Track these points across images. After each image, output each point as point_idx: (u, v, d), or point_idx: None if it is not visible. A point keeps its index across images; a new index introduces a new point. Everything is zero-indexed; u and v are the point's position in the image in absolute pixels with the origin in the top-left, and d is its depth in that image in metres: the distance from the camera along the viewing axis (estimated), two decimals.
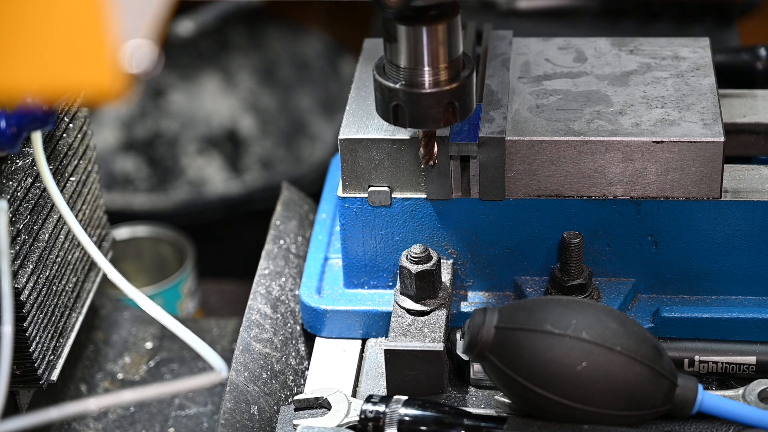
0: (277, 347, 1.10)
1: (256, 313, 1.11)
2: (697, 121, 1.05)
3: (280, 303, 1.14)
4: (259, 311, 1.12)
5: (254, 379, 1.05)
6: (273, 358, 1.09)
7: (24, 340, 1.04)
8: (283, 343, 1.11)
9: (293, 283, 1.17)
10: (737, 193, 1.06)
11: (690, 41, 1.16)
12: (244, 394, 1.03)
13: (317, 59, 2.14)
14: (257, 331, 1.10)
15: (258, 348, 1.08)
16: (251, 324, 1.10)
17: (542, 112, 1.08)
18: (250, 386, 1.04)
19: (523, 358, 0.95)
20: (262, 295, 1.14)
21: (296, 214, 1.25)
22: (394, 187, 1.08)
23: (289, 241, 1.21)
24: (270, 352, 1.09)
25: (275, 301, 1.14)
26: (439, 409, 0.99)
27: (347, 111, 1.10)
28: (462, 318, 1.08)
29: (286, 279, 1.17)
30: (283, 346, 1.11)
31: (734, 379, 1.04)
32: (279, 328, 1.12)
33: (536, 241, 1.09)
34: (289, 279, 1.17)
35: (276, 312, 1.13)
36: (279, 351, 1.10)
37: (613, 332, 0.95)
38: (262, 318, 1.11)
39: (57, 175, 1.11)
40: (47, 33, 0.66)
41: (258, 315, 1.11)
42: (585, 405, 0.95)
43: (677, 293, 1.10)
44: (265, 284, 1.15)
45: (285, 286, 1.16)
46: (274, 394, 1.06)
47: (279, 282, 1.16)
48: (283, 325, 1.13)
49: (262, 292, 1.14)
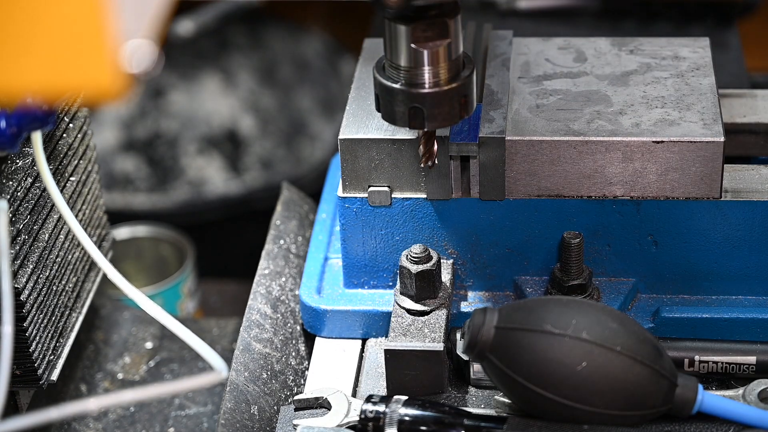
0: (277, 347, 1.10)
1: (256, 313, 1.11)
2: (697, 121, 1.05)
3: (280, 303, 1.14)
4: (259, 311, 1.12)
5: (254, 379, 1.05)
6: (273, 358, 1.09)
7: (24, 340, 1.04)
8: (283, 343, 1.11)
9: (293, 283, 1.17)
10: (737, 193, 1.06)
11: (690, 41, 1.16)
12: (244, 394, 1.03)
13: (317, 59, 2.14)
14: (257, 331, 1.10)
15: (258, 348, 1.08)
16: (251, 324, 1.10)
17: (542, 112, 1.07)
18: (251, 386, 1.04)
19: (523, 358, 0.95)
20: (263, 294, 1.13)
21: (296, 214, 1.25)
22: (394, 187, 1.08)
23: (289, 241, 1.21)
24: (270, 352, 1.09)
25: (275, 301, 1.14)
26: (439, 409, 0.99)
27: (347, 111, 1.10)
28: (462, 318, 1.08)
29: (286, 279, 1.17)
30: (284, 346, 1.11)
31: (734, 379, 1.04)
32: (279, 328, 1.12)
33: (536, 241, 1.09)
34: (290, 279, 1.17)
35: (276, 312, 1.13)
36: (279, 351, 1.10)
37: (613, 332, 0.95)
38: (263, 318, 1.11)
39: (57, 175, 1.11)
40: (47, 33, 0.66)
41: (258, 315, 1.11)
42: (585, 405, 0.95)
43: (677, 293, 1.10)
44: (266, 284, 1.15)
45: (285, 286, 1.16)
46: (275, 394, 1.06)
47: (279, 282, 1.16)
48: (283, 325, 1.13)
49: (262, 292, 1.14)
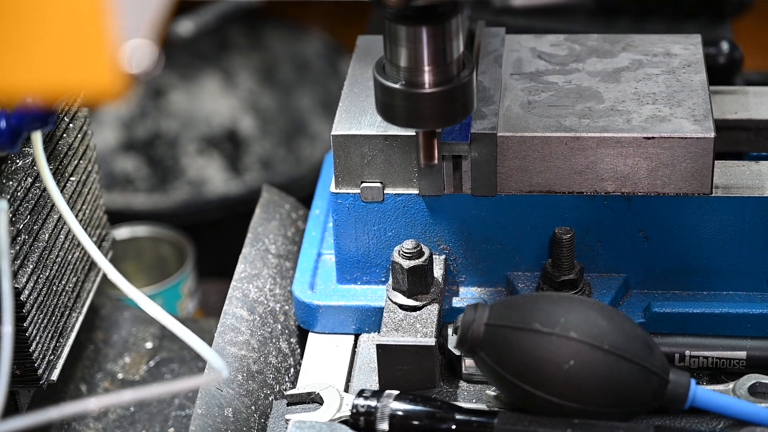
0: (254, 348, 1.09)
1: (231, 317, 1.11)
2: (688, 118, 1.06)
3: (258, 304, 1.13)
4: (234, 315, 1.11)
5: (228, 382, 1.04)
6: (249, 359, 1.08)
7: (24, 340, 1.04)
8: (261, 344, 1.10)
9: (273, 282, 1.16)
10: (728, 189, 1.07)
11: (681, 38, 1.17)
12: (216, 398, 1.02)
13: (317, 59, 2.14)
14: (232, 335, 1.09)
15: (233, 351, 1.07)
16: (226, 329, 1.09)
17: (534, 109, 1.08)
18: (224, 389, 1.03)
19: (512, 356, 0.95)
20: (238, 298, 1.13)
21: (276, 215, 1.24)
22: (386, 182, 1.08)
23: (268, 242, 1.20)
24: (246, 353, 1.08)
25: (252, 303, 1.13)
26: (430, 403, 0.99)
27: (340, 107, 1.10)
28: (454, 313, 1.08)
29: (264, 280, 1.16)
30: (262, 346, 1.10)
31: (725, 374, 1.04)
32: (257, 329, 1.11)
33: (528, 237, 1.09)
34: (268, 279, 1.16)
35: (253, 314, 1.12)
36: (257, 352, 1.09)
37: (601, 330, 0.95)
38: (238, 321, 1.10)
39: (57, 175, 1.11)
40: (47, 33, 0.67)
41: (233, 319, 1.10)
42: (573, 402, 0.95)
43: (668, 288, 1.10)
44: (241, 288, 1.14)
45: (264, 287, 1.15)
46: (252, 394, 1.06)
47: (257, 284, 1.15)
48: (261, 326, 1.12)
49: (238, 296, 1.13)
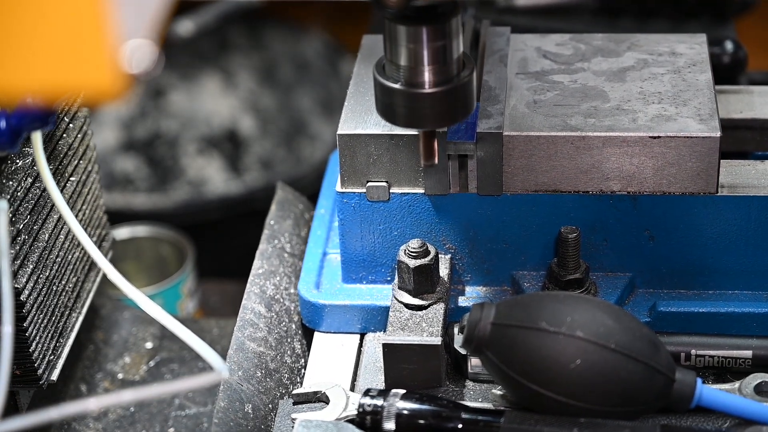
0: (271, 345, 1.10)
1: (250, 312, 1.11)
2: (693, 117, 1.06)
3: (274, 302, 1.14)
4: (253, 310, 1.11)
5: (248, 378, 1.05)
6: (268, 356, 1.09)
7: (24, 340, 1.04)
8: (278, 342, 1.11)
9: (288, 281, 1.17)
10: (733, 188, 1.07)
11: (687, 37, 1.17)
12: (237, 392, 1.03)
13: (317, 59, 2.14)
14: (251, 330, 1.10)
15: (252, 347, 1.08)
16: (245, 323, 1.10)
17: (539, 108, 1.08)
18: (244, 385, 1.04)
19: (518, 355, 0.95)
20: (257, 294, 1.13)
21: (291, 214, 1.25)
22: (392, 182, 1.08)
23: (284, 240, 1.21)
24: (264, 350, 1.09)
25: (270, 300, 1.14)
26: (436, 402, 0.99)
27: (345, 107, 1.10)
28: (460, 312, 1.08)
29: (280, 278, 1.16)
30: (278, 344, 1.11)
31: (730, 373, 1.04)
32: (274, 326, 1.12)
33: (533, 236, 1.09)
34: (284, 278, 1.17)
35: (270, 311, 1.13)
36: (274, 349, 1.10)
37: (607, 329, 0.95)
38: (257, 317, 1.11)
39: (57, 175, 1.11)
40: (47, 33, 0.66)
41: (252, 314, 1.11)
42: (579, 401, 0.95)
43: (674, 288, 1.10)
44: (260, 284, 1.14)
45: (280, 284, 1.16)
46: (269, 392, 1.06)
47: (273, 281, 1.15)
48: (278, 324, 1.13)
49: (256, 292, 1.13)
